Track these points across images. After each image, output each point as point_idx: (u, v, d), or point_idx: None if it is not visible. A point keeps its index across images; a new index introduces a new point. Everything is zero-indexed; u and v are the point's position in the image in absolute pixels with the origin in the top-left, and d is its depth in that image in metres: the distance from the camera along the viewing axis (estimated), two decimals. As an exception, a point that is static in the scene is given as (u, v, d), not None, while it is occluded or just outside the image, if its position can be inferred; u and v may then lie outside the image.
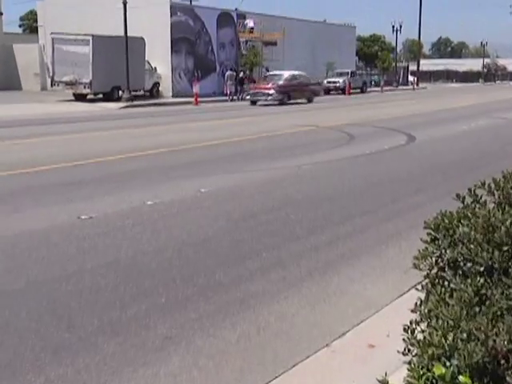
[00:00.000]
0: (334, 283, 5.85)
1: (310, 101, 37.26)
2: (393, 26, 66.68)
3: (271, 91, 35.19)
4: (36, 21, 51.14)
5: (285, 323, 4.94)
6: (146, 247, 6.84)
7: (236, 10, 49.47)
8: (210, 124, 22.74)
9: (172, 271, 6.05)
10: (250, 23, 47.23)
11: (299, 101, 36.32)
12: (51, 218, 8.10)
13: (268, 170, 12.18)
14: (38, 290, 5.52)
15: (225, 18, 46.62)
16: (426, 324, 2.68)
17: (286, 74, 37.60)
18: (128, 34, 34.23)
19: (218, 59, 46.27)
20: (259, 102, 34.82)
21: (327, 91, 51.39)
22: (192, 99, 36.16)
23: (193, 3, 49.21)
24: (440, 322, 2.55)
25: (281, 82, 35.99)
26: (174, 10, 42.08)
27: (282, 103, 34.52)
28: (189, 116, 27.15)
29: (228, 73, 42.05)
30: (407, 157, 14.21)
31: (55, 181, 10.81)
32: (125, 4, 33.90)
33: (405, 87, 68.41)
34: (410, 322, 2.69)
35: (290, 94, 35.93)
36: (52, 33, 36.17)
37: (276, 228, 7.70)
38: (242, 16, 47.94)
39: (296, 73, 38.26)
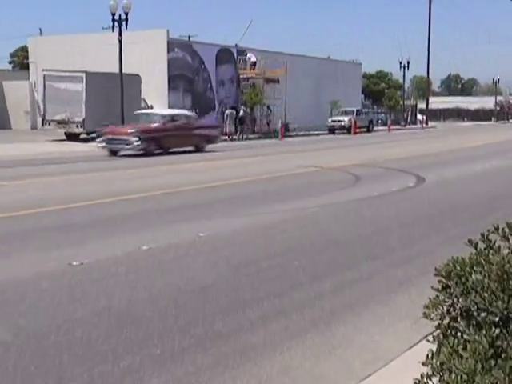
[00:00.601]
0: (339, 333, 5.82)
1: (199, 149, 28.93)
2: (400, 63, 67.33)
3: (131, 138, 26.21)
4: (27, 57, 51.72)
5: (288, 377, 4.90)
6: (141, 295, 6.81)
7: (236, 46, 50.03)
8: (207, 165, 22.83)
9: (168, 321, 6.01)
10: (251, 58, 47.55)
11: (186, 149, 28.46)
12: (40, 264, 8.08)
13: (269, 213, 12.18)
14: (26, 342, 5.48)
15: (224, 55, 47.15)
16: (438, 378, 2.66)
17: (159, 113, 29.73)
18: (123, 71, 34.61)
19: (217, 97, 46.67)
20: (120, 152, 26.39)
21: (332, 130, 51.78)
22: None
23: (191, 39, 49.84)
24: (453, 376, 2.53)
25: (148, 125, 27.30)
26: (171, 46, 42.60)
27: (147, 153, 25.98)
28: (185, 156, 27.24)
29: (228, 111, 42.40)
30: (416, 199, 14.23)
31: (44, 225, 10.82)
32: (120, 40, 34.35)
33: (413, 126, 68.87)
34: (421, 376, 2.67)
35: (161, 140, 27.00)
36: (43, 69, 36.62)
37: (278, 275, 7.67)
38: (243, 52, 48.46)
39: (176, 112, 30.94)
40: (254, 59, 47.49)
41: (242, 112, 43.17)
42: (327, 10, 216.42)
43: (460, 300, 2.85)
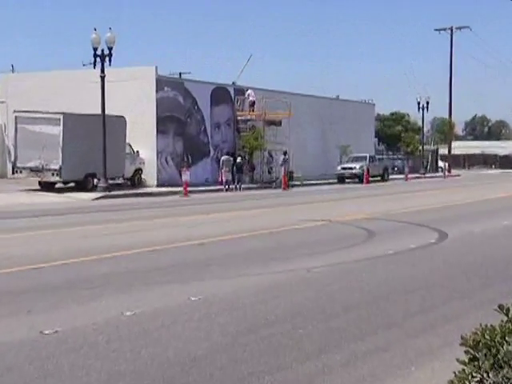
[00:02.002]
0: (352, 414, 5.74)
1: None
2: (418, 103, 67.85)
3: None
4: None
5: None
6: (124, 368, 6.74)
7: (233, 84, 50.51)
8: (200, 219, 22.85)
9: (154, 398, 5.94)
10: (250, 96, 47.77)
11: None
12: (6, 332, 8.02)
13: (271, 273, 12.14)
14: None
15: (220, 94, 47.57)
16: None
17: None
18: (106, 112, 34.90)
19: (212, 142, 46.95)
20: None
21: (341, 179, 51.98)
22: (181, 189, 36.50)
23: (183, 76, 50.28)
24: None
25: None
26: (160, 84, 42.98)
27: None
28: (176, 209, 27.29)
29: (224, 158, 42.63)
30: (438, 257, 14.20)
31: (12, 287, 10.76)
32: (103, 77, 34.71)
33: (434, 174, 69.20)
34: None
35: None
36: (15, 110, 36.85)
37: (281, 344, 7.61)
38: (241, 91, 48.87)
39: None
40: (252, 98, 47.70)
41: (239, 158, 43.42)
42: (336, 46, 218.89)
43: (490, 375, 2.82)
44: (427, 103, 68.10)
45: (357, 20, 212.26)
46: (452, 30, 73.20)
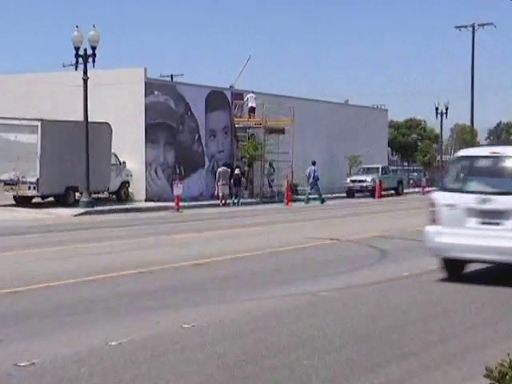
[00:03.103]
0: None
1: None
2: (436, 109, 68.00)
3: None
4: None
5: None
6: (108, 404, 6.72)
7: (231, 87, 50.56)
8: (194, 237, 22.84)
9: None
10: (250, 101, 47.69)
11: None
12: (-21, 364, 8.00)
13: (272, 298, 12.13)
14: None
15: (216, 99, 47.62)
16: None
17: None
18: (89, 119, 34.90)
19: (207, 151, 46.96)
20: None
21: (351, 193, 51.99)
22: (172, 204, 36.50)
23: (175, 79, 50.41)
24: None
25: None
26: (149, 87, 43.04)
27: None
28: (167, 226, 27.27)
29: (220, 169, 42.66)
30: (460, 281, 14.17)
31: (-14, 313, 10.75)
32: (85, 80, 34.72)
33: (454, 187, 69.07)
34: None
35: None
36: (-13, 117, 36.85)
37: (284, 378, 7.59)
38: (239, 95, 48.91)
39: None
40: (252, 104, 47.59)
41: (237, 170, 43.40)
42: (344, 46, 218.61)
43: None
44: (446, 109, 68.24)
45: (367, 17, 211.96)
46: (474, 28, 73.27)
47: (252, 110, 47.73)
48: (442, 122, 69.20)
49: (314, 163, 45.95)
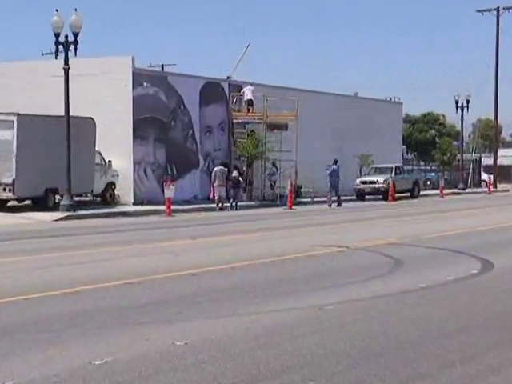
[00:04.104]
0: None
1: None
2: (456, 102, 67.89)
3: None
4: None
5: None
6: (91, 430, 6.72)
7: (228, 78, 50.52)
8: (187, 244, 22.84)
9: None
10: (247, 94, 47.57)
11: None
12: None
13: (274, 312, 12.12)
14: None
15: (212, 91, 47.62)
16: None
17: None
18: (71, 113, 34.87)
19: (202, 149, 46.97)
20: None
21: (361, 195, 51.97)
22: (163, 207, 36.49)
23: (166, 69, 50.36)
24: None
25: None
26: (138, 78, 43.03)
27: None
28: (157, 232, 27.25)
29: (216, 169, 42.61)
30: (482, 293, 14.18)
31: (-43, 329, 10.74)
32: (66, 70, 34.63)
33: (476, 190, 69.15)
34: None
35: None
36: (-43, 111, 36.83)
37: (287, 401, 7.60)
38: (237, 87, 48.87)
39: None
40: (249, 97, 47.39)
41: (235, 172, 43.31)
42: (354, 32, 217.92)
43: None
44: (467, 102, 68.09)
45: (378, 2, 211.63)
46: (498, 11, 73.29)
47: (250, 102, 47.57)
48: (462, 116, 69.13)
49: (336, 161, 46.15)
